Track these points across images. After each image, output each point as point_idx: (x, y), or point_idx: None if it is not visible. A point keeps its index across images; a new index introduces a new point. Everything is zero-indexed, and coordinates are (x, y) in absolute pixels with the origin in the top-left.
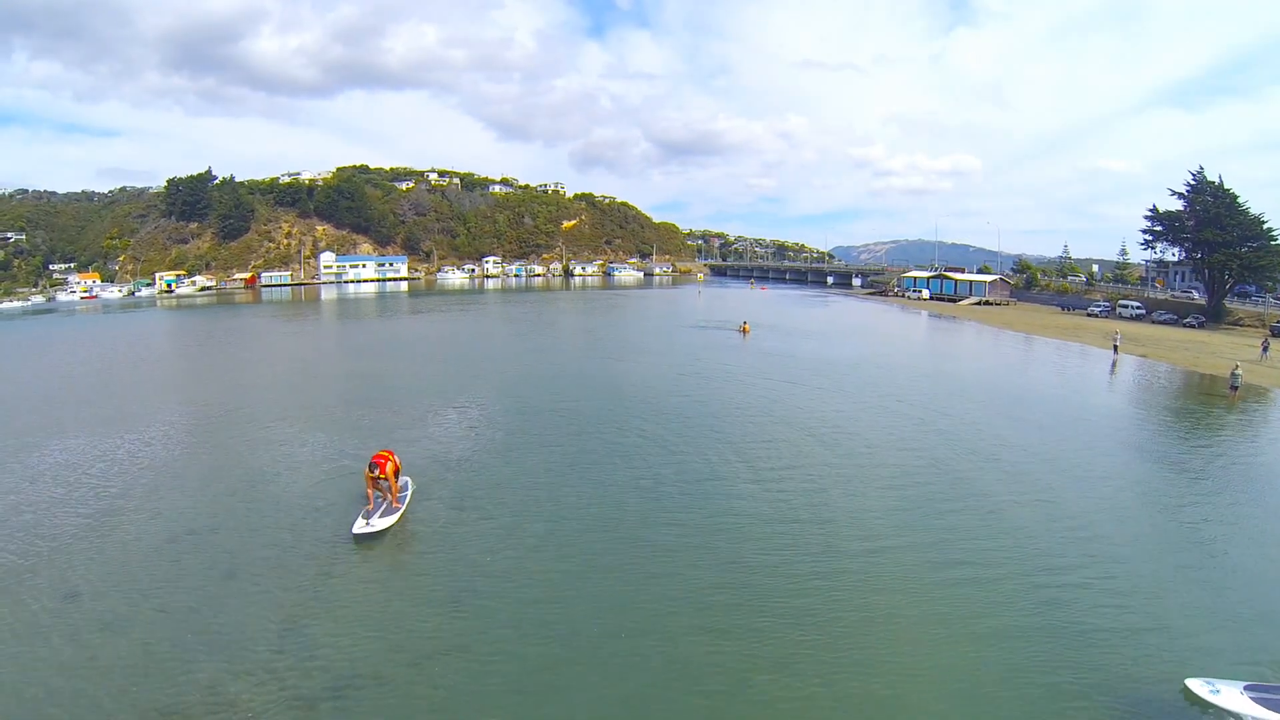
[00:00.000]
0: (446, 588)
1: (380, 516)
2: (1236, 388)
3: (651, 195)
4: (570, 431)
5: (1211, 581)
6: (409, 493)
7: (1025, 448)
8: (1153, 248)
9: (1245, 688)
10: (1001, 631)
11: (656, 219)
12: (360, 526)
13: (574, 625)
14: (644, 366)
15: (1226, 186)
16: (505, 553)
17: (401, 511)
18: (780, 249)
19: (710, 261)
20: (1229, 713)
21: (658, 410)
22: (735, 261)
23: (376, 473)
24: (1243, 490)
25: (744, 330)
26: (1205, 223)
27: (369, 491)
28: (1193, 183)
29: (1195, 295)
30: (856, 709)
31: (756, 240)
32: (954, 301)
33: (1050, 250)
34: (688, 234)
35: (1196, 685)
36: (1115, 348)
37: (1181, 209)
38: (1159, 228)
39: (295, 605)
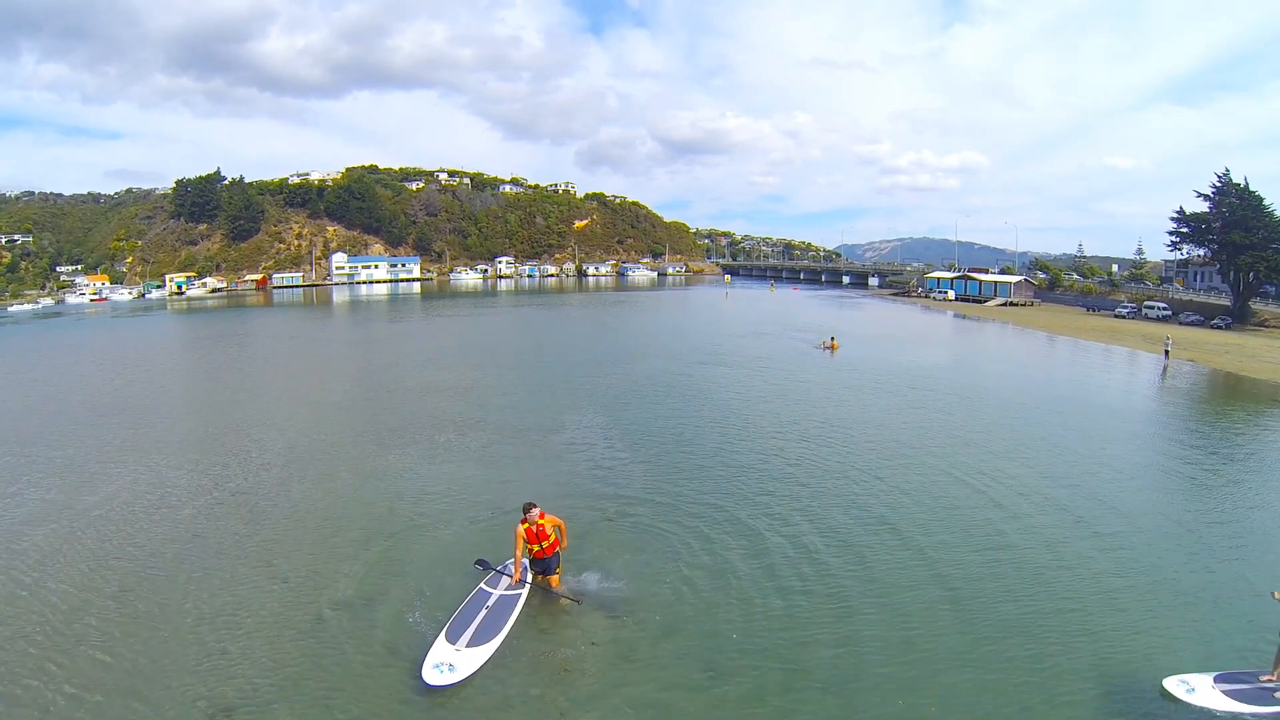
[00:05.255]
0: (687, 657)
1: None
2: None
3: (655, 194)
4: (709, 450)
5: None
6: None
7: (1127, 461)
8: (1179, 249)
9: (1215, 679)
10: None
11: (664, 218)
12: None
13: (846, 692)
14: (744, 377)
15: (1252, 188)
16: (729, 606)
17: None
18: (788, 248)
19: (721, 261)
20: (1202, 710)
21: (797, 427)
22: (744, 261)
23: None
24: None
25: (832, 346)
26: (1231, 224)
27: (517, 553)
28: (1218, 184)
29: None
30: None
31: (763, 239)
32: (980, 302)
33: (1054, 247)
34: (695, 233)
35: (1172, 685)
36: (1166, 352)
37: (1207, 210)
38: (1185, 229)
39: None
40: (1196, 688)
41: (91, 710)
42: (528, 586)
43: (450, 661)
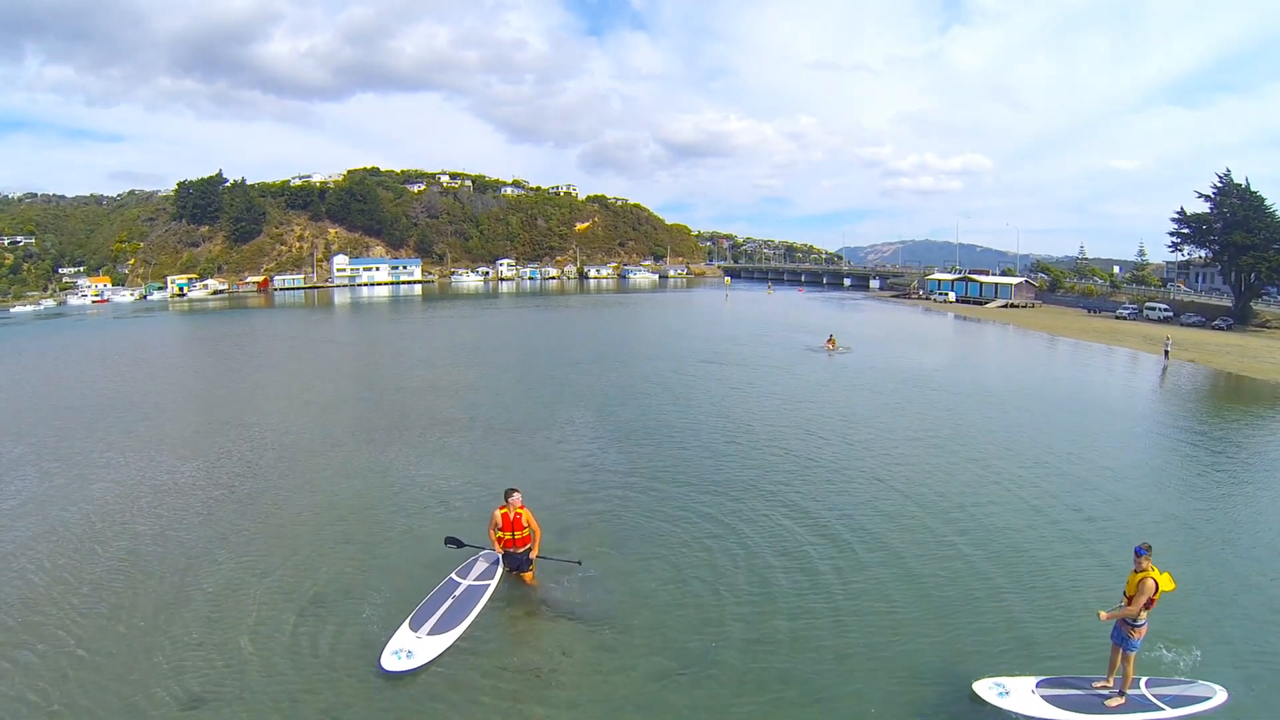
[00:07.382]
0: (656, 653)
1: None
2: None
3: (657, 196)
4: (706, 450)
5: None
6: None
7: (1123, 460)
8: (1180, 250)
9: (1038, 683)
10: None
11: (666, 220)
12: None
13: (824, 686)
14: (742, 375)
15: (1253, 189)
16: (709, 605)
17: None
18: (789, 250)
19: (723, 263)
20: (1010, 714)
21: (791, 428)
22: (746, 263)
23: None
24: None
25: (830, 345)
26: (1233, 225)
27: (489, 531)
28: (1219, 185)
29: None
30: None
31: (765, 241)
32: (981, 304)
33: (1056, 249)
34: (696, 235)
35: (983, 688)
36: (1166, 353)
37: (1208, 211)
38: (1186, 230)
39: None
40: (1012, 691)
41: (64, 699)
42: (498, 575)
43: (409, 648)
